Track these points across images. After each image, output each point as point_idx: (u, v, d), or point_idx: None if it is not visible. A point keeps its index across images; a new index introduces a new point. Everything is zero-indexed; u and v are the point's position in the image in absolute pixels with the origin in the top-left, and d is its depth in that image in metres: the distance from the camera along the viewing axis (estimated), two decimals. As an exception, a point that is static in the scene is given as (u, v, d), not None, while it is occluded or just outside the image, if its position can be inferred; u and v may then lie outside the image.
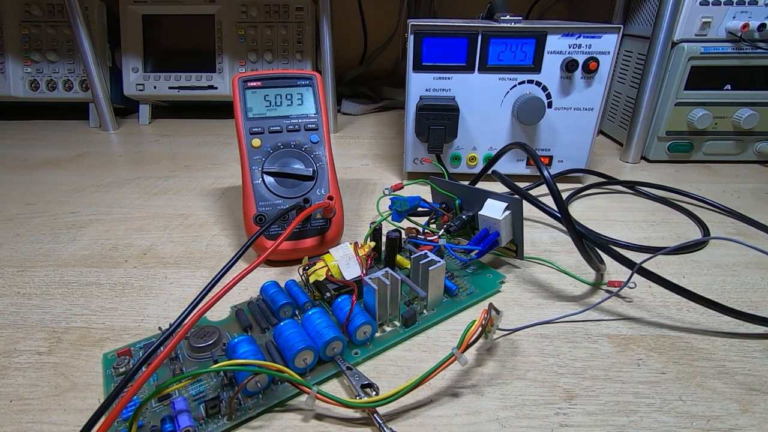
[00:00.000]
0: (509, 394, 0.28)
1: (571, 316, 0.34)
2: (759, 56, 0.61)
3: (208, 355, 0.29)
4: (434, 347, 0.32)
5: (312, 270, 0.34)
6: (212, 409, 0.25)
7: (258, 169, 0.41)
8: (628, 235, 0.47)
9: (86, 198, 0.56)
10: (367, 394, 0.27)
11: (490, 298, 0.37)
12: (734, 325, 0.34)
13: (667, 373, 0.29)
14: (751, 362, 0.30)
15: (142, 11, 0.85)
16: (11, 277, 0.39)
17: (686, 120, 0.65)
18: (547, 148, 0.60)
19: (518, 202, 0.37)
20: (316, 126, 0.43)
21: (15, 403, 0.27)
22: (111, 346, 0.31)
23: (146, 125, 0.91)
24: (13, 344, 0.32)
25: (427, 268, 0.33)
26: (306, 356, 0.27)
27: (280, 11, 0.85)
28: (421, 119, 0.56)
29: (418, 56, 0.55)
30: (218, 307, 0.32)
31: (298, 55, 0.86)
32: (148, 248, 0.44)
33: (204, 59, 0.87)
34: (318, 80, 0.44)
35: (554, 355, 0.31)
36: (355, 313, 0.30)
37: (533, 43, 0.54)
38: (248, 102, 0.43)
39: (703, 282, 0.39)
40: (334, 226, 0.42)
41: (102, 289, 0.38)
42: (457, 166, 0.61)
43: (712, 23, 0.61)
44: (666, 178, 0.63)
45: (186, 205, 0.54)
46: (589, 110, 0.57)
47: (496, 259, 0.42)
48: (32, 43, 0.85)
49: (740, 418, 0.26)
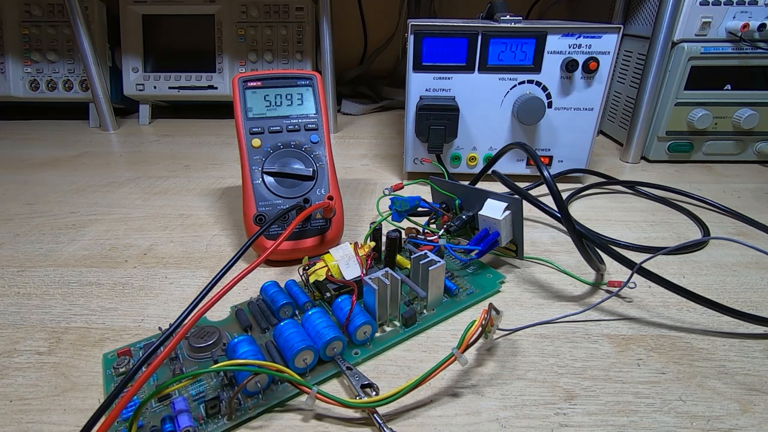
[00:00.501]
0: (509, 394, 0.28)
1: (571, 316, 0.34)
2: (759, 56, 0.61)
3: (208, 355, 0.29)
4: (434, 347, 0.32)
5: (312, 270, 0.34)
6: (212, 409, 0.25)
7: (258, 169, 0.41)
8: (628, 235, 0.47)
9: (86, 198, 0.56)
10: (367, 394, 0.27)
11: (490, 298, 0.37)
12: (734, 325, 0.34)
13: (667, 373, 0.29)
14: (751, 362, 0.30)
15: (142, 11, 0.85)
16: (11, 277, 0.39)
17: (686, 120, 0.65)
18: (547, 148, 0.60)
19: (518, 202, 0.37)
20: (316, 126, 0.43)
21: (15, 403, 0.27)
22: (111, 346, 0.31)
23: (146, 125, 0.91)
24: (13, 344, 0.32)
25: (427, 268, 0.33)
26: (306, 356, 0.27)
27: (280, 11, 0.85)
28: (421, 119, 0.56)
29: (418, 56, 0.55)
30: (218, 307, 0.32)
31: (298, 55, 0.86)
32: (148, 248, 0.44)
33: (204, 59, 0.87)
34: (318, 80, 0.44)
35: (554, 355, 0.31)
36: (355, 313, 0.30)
37: (533, 43, 0.54)
38: (248, 102, 0.43)
39: (703, 282, 0.39)
40: (334, 226, 0.42)
41: (102, 289, 0.38)
42: (457, 166, 0.61)
43: (712, 23, 0.61)
44: (666, 178, 0.63)
45: (186, 205, 0.54)
46: (589, 110, 0.57)
47: (496, 259, 0.42)
48: (32, 43, 0.85)
49: (740, 418, 0.26)
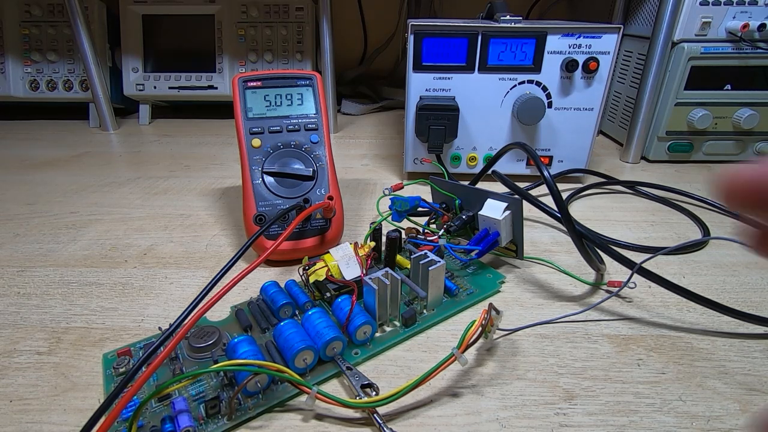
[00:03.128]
0: (509, 394, 0.28)
1: (571, 316, 0.34)
2: (759, 56, 0.61)
3: (208, 355, 0.29)
4: (434, 347, 0.32)
5: (312, 270, 0.34)
6: (212, 409, 0.25)
7: (258, 169, 0.41)
8: (628, 235, 0.47)
9: (86, 198, 0.56)
10: (367, 394, 0.27)
11: (490, 298, 0.37)
12: (734, 325, 0.34)
13: (667, 373, 0.29)
14: (751, 362, 0.30)
15: (142, 11, 0.85)
16: (11, 277, 0.39)
17: (686, 120, 0.65)
18: (547, 148, 0.60)
19: (518, 202, 0.37)
20: (316, 126, 0.43)
21: (15, 403, 0.27)
22: (111, 346, 0.31)
23: (146, 125, 0.91)
24: (13, 344, 0.32)
25: (427, 268, 0.33)
26: (306, 356, 0.27)
27: (280, 11, 0.85)
28: (421, 119, 0.56)
29: (418, 56, 0.55)
30: (218, 307, 0.32)
31: (298, 55, 0.86)
32: (148, 248, 0.44)
33: (204, 59, 0.87)
34: (318, 80, 0.44)
35: (554, 355, 0.31)
36: (355, 313, 0.30)
37: (533, 43, 0.54)
38: (248, 102, 0.43)
39: (703, 282, 0.39)
40: (334, 226, 0.42)
41: (102, 289, 0.38)
42: (457, 166, 0.61)
43: (712, 23, 0.61)
44: (666, 178, 0.63)
45: (186, 205, 0.54)
46: (589, 110, 0.57)
47: (496, 259, 0.42)
48: (32, 43, 0.85)
49: (740, 418, 0.26)
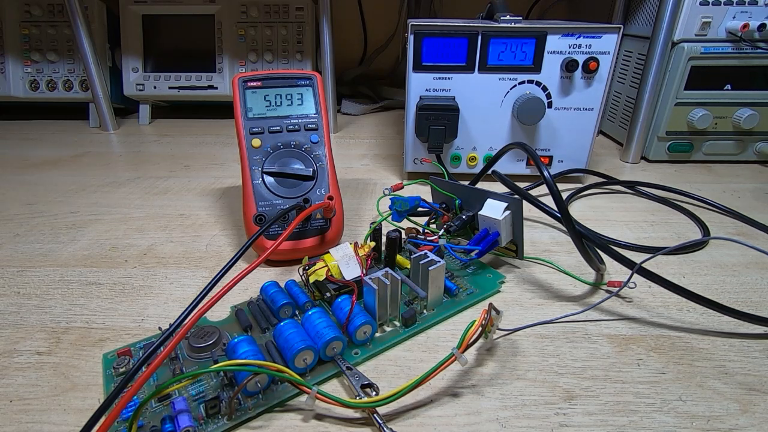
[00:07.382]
0: (509, 394, 0.28)
1: (571, 316, 0.34)
2: (759, 56, 0.61)
3: (208, 355, 0.29)
4: (434, 347, 0.32)
5: (312, 270, 0.34)
6: (212, 409, 0.25)
7: (258, 169, 0.41)
8: (628, 235, 0.47)
9: (86, 198, 0.56)
10: (367, 394, 0.27)
11: (490, 298, 0.37)
12: (734, 325, 0.34)
13: (667, 373, 0.29)
14: (751, 362, 0.30)
15: (142, 11, 0.85)
16: (11, 277, 0.39)
17: (686, 120, 0.65)
18: (547, 148, 0.60)
19: (518, 202, 0.37)
20: (316, 126, 0.43)
21: (15, 403, 0.27)
22: (111, 346, 0.31)
23: (146, 125, 0.91)
24: (13, 344, 0.32)
25: (427, 268, 0.33)
26: (306, 356, 0.27)
27: (280, 11, 0.85)
28: (421, 119, 0.56)
29: (418, 56, 0.55)
30: (218, 307, 0.32)
31: (298, 55, 0.86)
32: (148, 248, 0.44)
33: (204, 59, 0.87)
34: (318, 80, 0.44)
35: (554, 355, 0.31)
36: (355, 313, 0.30)
37: (533, 43, 0.54)
38: (248, 102, 0.42)
39: (703, 282, 0.39)
40: (334, 226, 0.42)
41: (102, 289, 0.38)
42: (457, 166, 0.61)
43: (712, 23, 0.61)
44: (666, 178, 0.63)
45: (186, 205, 0.54)
46: (589, 110, 0.57)
47: (496, 259, 0.42)
48: (32, 43, 0.85)
49: (740, 418, 0.26)
